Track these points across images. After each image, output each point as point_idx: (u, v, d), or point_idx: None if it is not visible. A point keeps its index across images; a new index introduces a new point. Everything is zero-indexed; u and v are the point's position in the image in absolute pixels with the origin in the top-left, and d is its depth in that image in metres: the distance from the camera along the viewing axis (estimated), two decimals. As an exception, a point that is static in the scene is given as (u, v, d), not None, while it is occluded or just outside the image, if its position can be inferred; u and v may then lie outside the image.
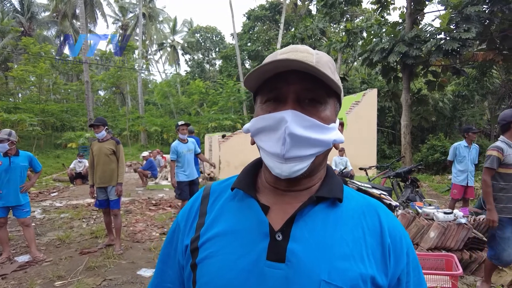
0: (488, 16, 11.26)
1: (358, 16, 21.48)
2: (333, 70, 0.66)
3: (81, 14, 18.43)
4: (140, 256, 4.35)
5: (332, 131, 0.64)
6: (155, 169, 11.23)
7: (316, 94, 0.62)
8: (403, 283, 0.65)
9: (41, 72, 19.15)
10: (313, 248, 0.60)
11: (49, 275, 3.66)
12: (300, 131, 0.59)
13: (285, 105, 0.61)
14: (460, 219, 3.65)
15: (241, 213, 0.67)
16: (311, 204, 0.64)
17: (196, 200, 0.75)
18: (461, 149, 5.77)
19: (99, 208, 4.80)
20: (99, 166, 4.47)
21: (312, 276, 0.58)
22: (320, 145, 0.62)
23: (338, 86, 0.63)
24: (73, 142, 18.79)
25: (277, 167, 0.61)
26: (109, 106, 30.30)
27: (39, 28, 28.30)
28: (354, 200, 0.69)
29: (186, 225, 0.72)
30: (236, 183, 0.69)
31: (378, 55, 12.85)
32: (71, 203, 7.74)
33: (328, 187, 0.66)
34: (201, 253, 0.65)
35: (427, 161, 14.07)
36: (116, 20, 34.07)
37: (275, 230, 0.62)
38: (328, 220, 0.64)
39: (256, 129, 0.65)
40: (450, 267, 3.23)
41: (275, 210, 0.65)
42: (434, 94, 17.46)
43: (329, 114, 0.64)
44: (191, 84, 26.60)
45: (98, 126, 4.46)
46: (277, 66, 0.59)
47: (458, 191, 5.78)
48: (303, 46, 0.66)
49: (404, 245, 0.66)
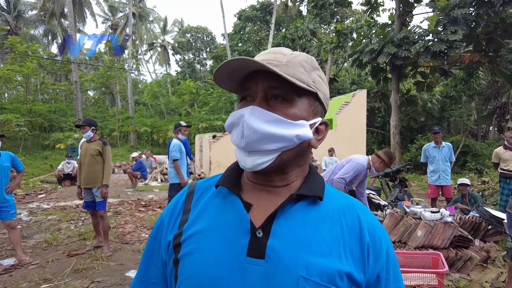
0: (474, 18, 11.49)
1: (348, 17, 21.68)
2: (309, 69, 0.67)
3: (69, 13, 18.19)
4: (129, 258, 4.31)
5: (298, 127, 0.64)
6: (145, 170, 11.15)
7: (282, 91, 0.64)
8: (382, 280, 0.66)
9: (28, 71, 18.81)
10: (292, 245, 0.62)
11: (35, 278, 3.59)
12: (258, 124, 0.62)
13: (253, 102, 0.65)
14: (446, 218, 3.71)
15: (224, 210, 0.68)
16: (292, 202, 0.66)
17: (181, 197, 0.76)
18: (430, 150, 5.89)
19: (87, 210, 4.74)
20: (84, 167, 4.43)
21: (290, 272, 0.59)
22: (281, 140, 0.63)
23: (308, 84, 0.65)
24: (62, 143, 18.52)
25: (242, 160, 0.65)
26: (99, 106, 29.94)
27: (26, 27, 27.81)
28: (335, 199, 0.70)
29: (170, 221, 0.73)
30: (220, 181, 0.71)
31: (368, 56, 12.98)
32: (59, 205, 7.62)
33: (309, 186, 0.68)
34: (183, 249, 0.66)
35: (416, 161, 14.26)
36: (105, 19, 33.71)
37: (256, 227, 0.63)
38: (308, 218, 0.65)
39: (228, 125, 0.68)
40: (437, 265, 3.28)
41: (257, 207, 0.66)
42: (422, 95, 17.72)
43: (297, 111, 0.65)
44: (182, 84, 26.48)
45: (83, 127, 4.43)
46: (232, 66, 0.63)
47: (432, 190, 5.90)
48: (281, 48, 0.69)
49: (383, 244, 0.67)
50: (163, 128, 23.17)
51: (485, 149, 15.81)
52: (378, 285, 0.66)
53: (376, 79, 15.20)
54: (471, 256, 3.63)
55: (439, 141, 5.81)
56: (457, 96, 17.47)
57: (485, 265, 3.65)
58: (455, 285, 3.29)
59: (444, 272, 3.12)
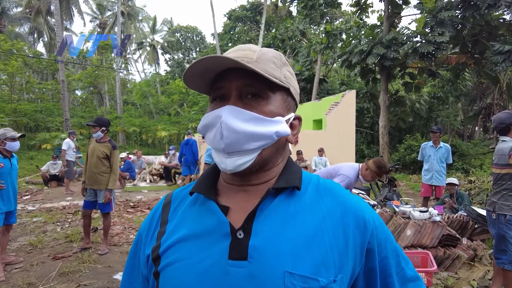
0: (460, 21, 11.70)
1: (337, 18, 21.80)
2: (279, 64, 0.67)
3: (56, 10, 17.88)
4: (117, 260, 4.23)
5: (276, 124, 0.64)
6: (133, 170, 11.01)
7: (257, 88, 0.63)
8: (374, 249, 0.64)
9: (13, 70, 18.36)
10: (275, 241, 0.60)
11: (19, 282, 3.49)
12: (237, 124, 0.61)
13: (228, 102, 0.63)
14: (435, 217, 3.75)
15: (202, 217, 0.66)
16: (270, 197, 0.64)
17: (158, 209, 0.75)
18: (427, 149, 5.90)
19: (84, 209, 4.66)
20: (89, 167, 4.39)
21: (275, 269, 0.58)
22: (261, 138, 0.62)
23: (281, 80, 0.65)
24: (48, 143, 18.13)
25: (222, 162, 0.64)
26: (87, 106, 29.40)
27: (11, 25, 27.19)
28: (312, 185, 0.69)
29: (148, 235, 0.72)
30: (194, 188, 0.69)
31: (357, 56, 13.09)
32: (44, 207, 7.45)
33: (285, 177, 0.66)
34: (163, 261, 0.65)
35: (404, 161, 14.46)
36: (93, 18, 33.15)
37: (236, 228, 0.61)
38: (288, 210, 0.63)
39: (202, 127, 0.67)
40: (426, 264, 3.31)
41: (235, 209, 0.65)
42: (411, 96, 17.97)
43: (272, 108, 0.64)
44: (171, 84, 26.22)
45: (94, 127, 4.37)
46: (206, 65, 0.61)
47: (425, 190, 5.94)
48: (248, 44, 0.68)
49: (367, 217, 0.65)
50: (152, 128, 22.92)
51: (471, 149, 16.13)
52: (372, 253, 0.65)
53: (365, 80, 15.35)
54: (459, 255, 3.68)
55: (437, 141, 5.78)
56: (444, 97, 17.78)
57: (472, 263, 3.71)
58: (443, 283, 3.32)
59: (433, 271, 3.15)
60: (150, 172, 11.47)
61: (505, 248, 2.95)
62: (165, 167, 10.95)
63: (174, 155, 10.87)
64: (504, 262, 2.96)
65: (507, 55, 10.22)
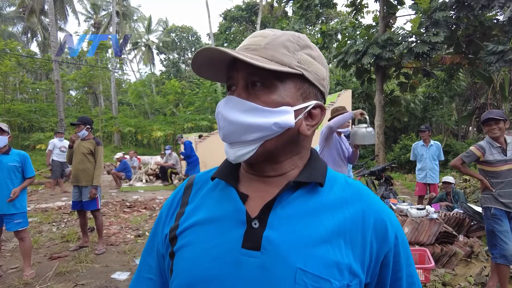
0: (455, 21, 11.79)
1: (333, 19, 21.91)
2: (293, 49, 0.63)
3: (50, 10, 17.67)
4: (114, 259, 4.20)
5: (277, 114, 0.60)
6: (129, 170, 10.95)
7: (260, 77, 0.60)
8: (390, 261, 0.63)
9: (6, 69, 18.18)
10: (290, 236, 0.59)
11: (15, 282, 3.46)
12: (232, 115, 0.60)
13: (236, 91, 0.63)
14: (432, 214, 3.78)
15: (221, 202, 0.66)
16: (290, 191, 0.63)
17: (179, 191, 0.76)
18: (418, 148, 5.98)
19: (74, 210, 4.65)
20: (74, 164, 4.41)
21: (288, 264, 0.56)
22: (258, 129, 0.60)
23: (290, 66, 0.61)
24: (43, 144, 17.97)
25: (226, 152, 0.65)
26: (81, 106, 29.19)
27: (4, 24, 26.92)
28: (338, 184, 0.66)
29: (168, 215, 0.73)
30: (216, 173, 0.69)
31: (353, 57, 13.15)
32: (40, 207, 7.38)
33: (308, 172, 0.65)
34: (179, 242, 0.65)
35: (400, 160, 14.54)
36: (88, 17, 32.95)
37: (252, 218, 0.61)
38: (308, 207, 0.62)
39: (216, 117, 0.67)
40: (423, 261, 3.34)
41: (253, 198, 0.64)
42: (406, 96, 18.08)
43: (277, 97, 0.61)
44: (167, 84, 26.08)
45: (78, 125, 4.41)
46: (203, 56, 0.61)
47: (420, 188, 6.02)
48: (267, 30, 0.65)
49: (389, 229, 0.63)
50: (147, 128, 22.80)
51: (465, 148, 16.22)
52: (387, 267, 0.63)
53: (361, 80, 15.42)
54: (456, 252, 3.72)
55: (427, 140, 5.87)
56: (438, 97, 17.91)
57: (469, 260, 3.74)
58: (441, 280, 3.35)
59: (430, 267, 3.17)
60: (146, 172, 11.42)
61: (495, 242, 3.03)
62: (161, 167, 10.91)
63: (170, 155, 10.83)
64: (496, 257, 3.03)
65: (501, 55, 10.32)
